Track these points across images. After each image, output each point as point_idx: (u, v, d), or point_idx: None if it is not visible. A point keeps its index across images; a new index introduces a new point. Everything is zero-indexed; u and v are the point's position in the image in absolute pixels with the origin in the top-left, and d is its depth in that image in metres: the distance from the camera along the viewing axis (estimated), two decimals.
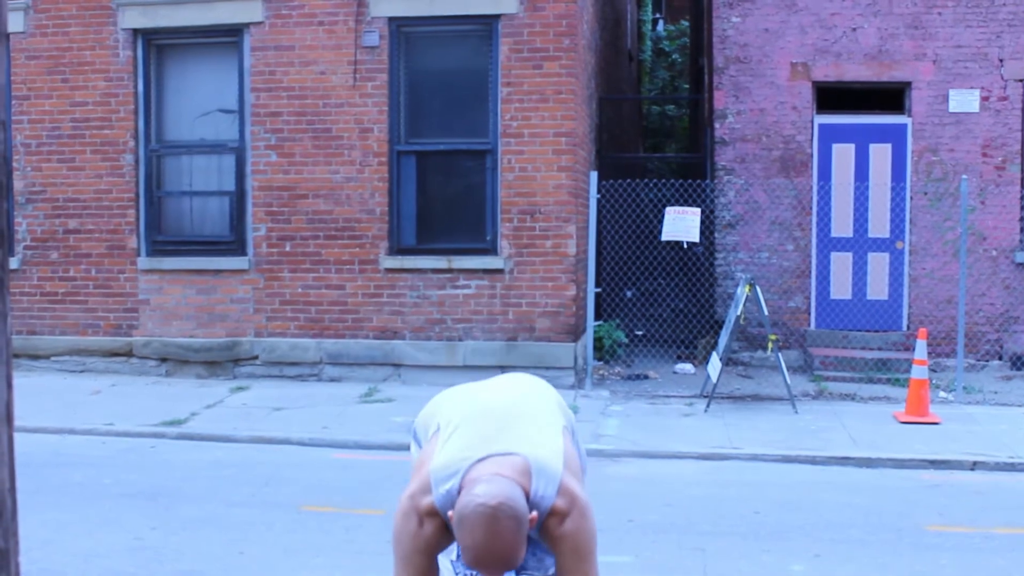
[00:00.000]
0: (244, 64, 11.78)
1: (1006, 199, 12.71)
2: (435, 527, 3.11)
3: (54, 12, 12.02)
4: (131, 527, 6.56)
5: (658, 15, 28.47)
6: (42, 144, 12.12)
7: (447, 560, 3.42)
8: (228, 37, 11.85)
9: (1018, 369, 12.37)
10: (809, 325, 13.15)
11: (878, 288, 13.08)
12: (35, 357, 12.12)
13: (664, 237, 11.61)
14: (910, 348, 11.76)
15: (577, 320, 11.55)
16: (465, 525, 2.90)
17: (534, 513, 3.01)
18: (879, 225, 13.04)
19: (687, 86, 24.63)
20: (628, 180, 12.60)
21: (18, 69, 12.09)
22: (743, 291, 10.50)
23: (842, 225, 13.11)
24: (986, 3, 12.66)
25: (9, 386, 1.42)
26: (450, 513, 3.00)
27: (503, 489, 2.94)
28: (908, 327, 12.85)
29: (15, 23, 12.00)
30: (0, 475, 1.40)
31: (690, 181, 12.64)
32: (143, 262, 11.98)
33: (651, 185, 13.09)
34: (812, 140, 13.09)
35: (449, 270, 11.43)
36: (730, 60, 13.17)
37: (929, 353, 10.67)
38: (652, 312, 14.90)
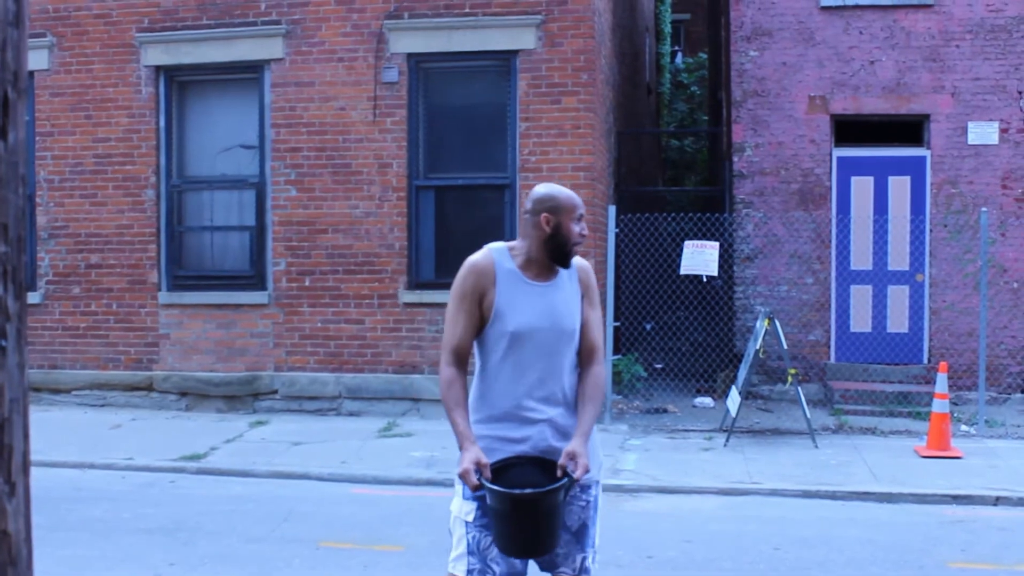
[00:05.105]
0: (264, 100, 11.89)
1: None
2: (481, 271, 4.06)
3: (78, 50, 12.19)
4: (150, 563, 6.57)
5: (676, 48, 28.59)
6: (65, 180, 12.25)
7: (461, 522, 3.69)
8: (249, 73, 11.98)
9: None
10: (829, 358, 13.08)
11: (898, 321, 13.02)
12: (56, 391, 12.20)
13: (683, 271, 11.60)
14: (931, 381, 11.69)
15: None
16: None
17: (549, 215, 3.85)
18: (899, 258, 12.99)
19: (706, 118, 24.67)
20: (647, 214, 12.61)
21: (42, 106, 12.25)
22: (762, 324, 10.46)
23: (861, 258, 13.07)
24: (1004, 36, 12.67)
25: (25, 436, 1.44)
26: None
27: None
28: (929, 360, 12.77)
29: (40, 61, 12.17)
30: (16, 525, 1.41)
31: (709, 214, 12.64)
32: (164, 296, 12.06)
33: (670, 219, 13.09)
34: (831, 173, 13.08)
35: None
36: (748, 94, 13.20)
37: (950, 386, 10.60)
38: (671, 346, 14.85)
